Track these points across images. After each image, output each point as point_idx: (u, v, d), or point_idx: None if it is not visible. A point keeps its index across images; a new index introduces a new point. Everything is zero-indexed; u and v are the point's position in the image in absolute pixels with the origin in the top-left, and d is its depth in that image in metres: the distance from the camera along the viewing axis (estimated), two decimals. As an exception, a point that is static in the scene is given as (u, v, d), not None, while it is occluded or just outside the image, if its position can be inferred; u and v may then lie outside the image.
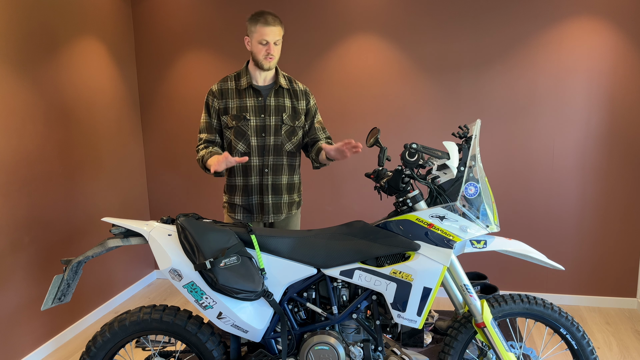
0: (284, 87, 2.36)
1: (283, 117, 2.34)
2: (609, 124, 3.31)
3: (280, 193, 2.39)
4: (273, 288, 1.85)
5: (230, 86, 2.34)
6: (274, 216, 2.40)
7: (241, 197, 2.38)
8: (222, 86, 2.35)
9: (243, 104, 2.31)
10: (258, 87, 2.33)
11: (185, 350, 2.02)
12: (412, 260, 1.79)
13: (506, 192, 3.53)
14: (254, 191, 2.36)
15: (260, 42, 2.22)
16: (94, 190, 3.41)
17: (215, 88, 2.36)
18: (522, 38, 3.34)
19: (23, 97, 2.76)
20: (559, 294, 3.56)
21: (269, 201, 2.37)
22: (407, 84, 3.55)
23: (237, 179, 2.37)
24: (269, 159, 2.34)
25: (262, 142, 2.33)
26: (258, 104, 2.32)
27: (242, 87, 2.32)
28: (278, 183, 2.38)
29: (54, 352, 2.97)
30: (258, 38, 2.21)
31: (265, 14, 2.21)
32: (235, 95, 2.33)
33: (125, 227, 1.84)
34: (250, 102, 2.31)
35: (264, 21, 2.19)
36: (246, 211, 2.40)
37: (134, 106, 3.93)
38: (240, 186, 2.37)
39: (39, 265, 2.88)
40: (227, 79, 2.37)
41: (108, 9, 3.57)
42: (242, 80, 2.33)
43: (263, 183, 2.35)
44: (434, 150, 1.82)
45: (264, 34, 2.20)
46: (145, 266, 4.09)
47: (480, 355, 1.98)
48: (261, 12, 2.22)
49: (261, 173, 2.35)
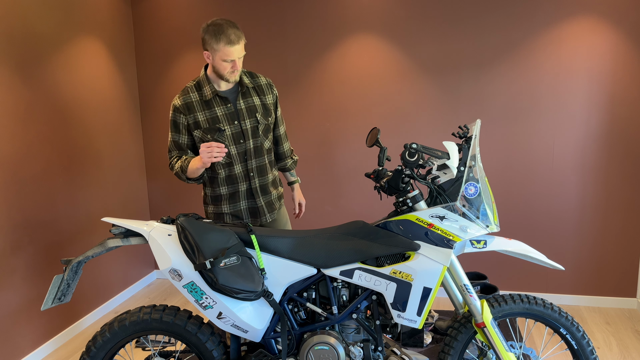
0: (249, 86, 2.25)
1: (257, 117, 2.24)
2: (609, 124, 3.31)
3: (269, 191, 2.36)
4: (273, 288, 1.85)
5: (193, 98, 2.19)
6: (270, 215, 2.37)
7: (228, 205, 2.30)
8: (185, 100, 2.19)
9: (213, 115, 2.19)
10: (223, 94, 2.20)
11: (185, 350, 2.02)
12: (412, 260, 1.79)
13: (506, 192, 3.53)
14: (242, 197, 2.30)
15: (224, 60, 2.08)
16: (94, 190, 3.41)
17: (178, 103, 2.20)
18: (522, 38, 3.34)
19: (23, 97, 2.76)
20: (559, 294, 3.56)
21: (262, 202, 2.33)
22: (407, 84, 3.55)
23: (221, 188, 2.28)
24: (252, 162, 2.27)
25: (242, 148, 2.23)
26: (228, 110, 2.20)
27: (207, 97, 2.18)
28: (265, 183, 2.33)
29: (54, 352, 2.97)
30: (222, 57, 2.07)
31: (227, 31, 2.03)
32: (202, 107, 2.19)
33: (125, 227, 1.84)
34: (220, 111, 2.19)
35: (227, 40, 2.03)
36: (235, 218, 2.33)
37: (134, 106, 3.93)
38: (226, 195, 2.29)
39: (38, 265, 2.88)
40: (187, 90, 2.22)
41: (108, 9, 3.58)
42: (205, 90, 2.19)
43: (252, 187, 2.29)
44: (434, 150, 1.82)
45: (228, 54, 2.06)
46: (145, 266, 4.09)
47: (480, 355, 1.98)
48: (221, 28, 2.03)
49: (247, 178, 2.28)
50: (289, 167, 2.52)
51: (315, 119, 3.73)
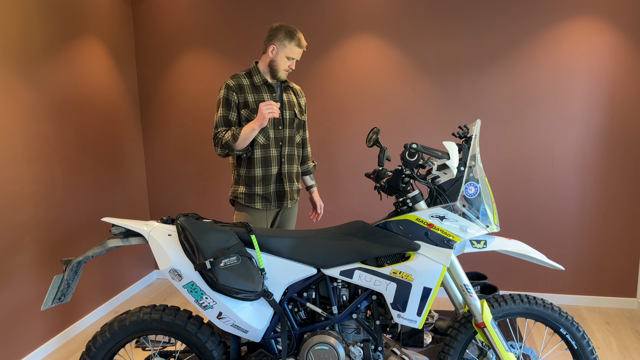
0: (290, 86, 2.59)
1: (295, 112, 2.55)
2: (609, 124, 3.31)
3: (294, 181, 2.60)
4: (273, 288, 1.85)
5: (244, 82, 2.47)
6: (290, 201, 2.58)
7: (261, 186, 2.51)
8: (237, 81, 2.47)
9: (261, 99, 2.46)
10: (272, 84, 2.50)
11: (185, 350, 2.02)
12: (412, 260, 1.79)
13: (506, 192, 3.53)
14: (273, 180, 2.52)
15: (288, 57, 2.42)
16: (94, 190, 3.41)
17: (232, 83, 2.46)
18: (522, 38, 3.34)
19: (23, 97, 2.76)
20: (559, 294, 3.56)
21: (287, 188, 2.55)
22: (407, 84, 3.55)
23: (256, 170, 2.50)
24: (285, 149, 2.52)
25: (278, 134, 2.49)
26: (273, 99, 2.49)
27: (257, 83, 2.47)
28: (292, 172, 2.58)
29: (54, 352, 2.97)
30: (288, 54, 2.41)
31: (299, 35, 2.42)
32: (252, 90, 2.46)
33: (125, 227, 1.84)
34: (267, 97, 2.48)
35: (298, 42, 2.41)
36: (265, 200, 2.53)
37: (134, 106, 3.93)
38: (259, 177, 2.50)
39: (39, 265, 2.88)
40: (239, 75, 2.49)
41: (108, 9, 3.58)
42: (256, 78, 2.48)
43: (282, 172, 2.53)
44: (434, 150, 1.82)
45: (294, 53, 2.42)
46: (145, 266, 4.09)
47: (480, 355, 1.98)
48: (295, 31, 2.41)
49: (279, 163, 2.53)
50: (310, 170, 2.77)
51: (315, 118, 3.73)
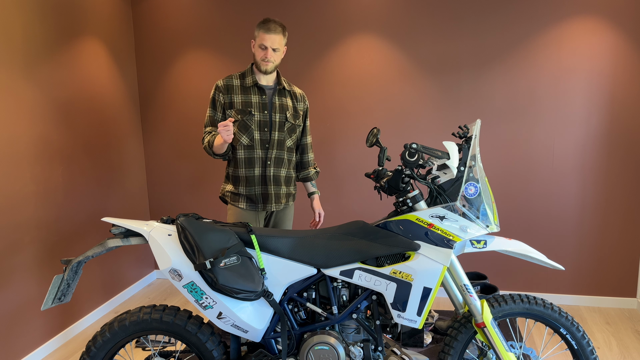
0: (286, 89, 2.56)
1: (287, 115, 2.52)
2: (609, 124, 3.31)
3: (280, 184, 2.57)
4: (273, 288, 1.85)
5: (235, 83, 2.49)
6: (276, 205, 2.56)
7: (245, 187, 2.52)
8: (227, 82, 2.50)
9: (248, 100, 2.47)
10: (262, 86, 2.50)
11: (185, 350, 2.02)
12: (412, 260, 1.79)
13: (506, 192, 3.53)
14: (257, 182, 2.52)
15: (260, 47, 2.41)
16: (94, 190, 3.41)
17: (220, 83, 2.50)
18: (522, 38, 3.34)
19: (23, 97, 2.76)
20: (559, 294, 3.56)
21: (272, 191, 2.54)
22: (407, 84, 3.55)
23: (239, 170, 2.51)
24: (272, 152, 2.51)
25: (264, 136, 2.48)
26: (262, 101, 2.48)
27: (248, 85, 2.48)
28: (278, 175, 2.55)
29: (54, 352, 2.97)
30: (259, 42, 2.41)
31: (269, 22, 2.39)
32: (240, 92, 2.48)
33: (125, 227, 1.84)
34: (254, 99, 2.47)
35: (266, 28, 2.38)
36: (249, 200, 2.53)
37: (134, 106, 3.93)
38: (243, 177, 2.51)
39: (39, 265, 2.88)
40: (232, 77, 2.52)
41: (108, 9, 3.58)
42: (247, 79, 2.49)
43: (266, 174, 2.51)
44: (434, 150, 1.82)
45: (263, 40, 2.39)
46: (145, 266, 4.09)
47: (480, 355, 1.98)
48: (267, 20, 2.41)
49: (264, 165, 2.51)
50: (311, 176, 2.73)
51: (315, 118, 3.73)
